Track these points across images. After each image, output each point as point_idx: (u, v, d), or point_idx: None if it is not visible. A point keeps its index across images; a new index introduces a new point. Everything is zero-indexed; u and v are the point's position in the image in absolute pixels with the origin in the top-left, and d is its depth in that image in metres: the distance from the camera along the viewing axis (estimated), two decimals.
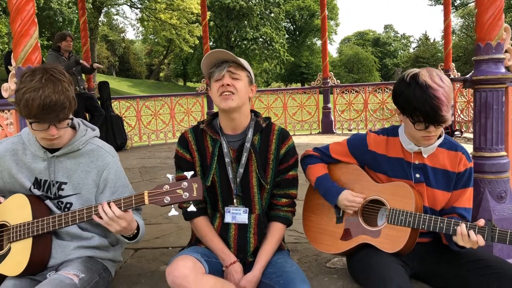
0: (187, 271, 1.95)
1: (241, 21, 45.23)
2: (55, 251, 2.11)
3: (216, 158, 2.20)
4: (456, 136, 8.20)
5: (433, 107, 1.97)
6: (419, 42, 68.87)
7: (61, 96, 1.90)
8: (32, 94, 1.87)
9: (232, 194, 2.22)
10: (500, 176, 2.67)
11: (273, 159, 2.25)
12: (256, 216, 2.23)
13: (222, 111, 2.21)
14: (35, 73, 1.93)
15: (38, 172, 2.14)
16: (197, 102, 9.82)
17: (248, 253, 2.22)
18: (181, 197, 1.83)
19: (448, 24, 8.63)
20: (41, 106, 1.87)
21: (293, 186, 2.31)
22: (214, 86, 2.17)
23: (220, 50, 2.14)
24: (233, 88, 2.13)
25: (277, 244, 2.26)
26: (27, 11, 2.57)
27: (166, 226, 3.63)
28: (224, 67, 2.14)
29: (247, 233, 2.22)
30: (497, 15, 2.55)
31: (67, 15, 30.01)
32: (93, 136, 2.22)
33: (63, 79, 1.95)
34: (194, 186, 1.83)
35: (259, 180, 2.22)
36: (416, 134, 2.11)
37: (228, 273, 2.16)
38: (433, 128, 2.05)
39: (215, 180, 2.22)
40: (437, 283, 2.25)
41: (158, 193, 1.85)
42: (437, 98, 1.97)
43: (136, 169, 6.30)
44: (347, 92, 9.74)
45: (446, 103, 1.98)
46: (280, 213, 2.29)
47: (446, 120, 2.01)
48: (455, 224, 2.04)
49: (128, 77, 51.05)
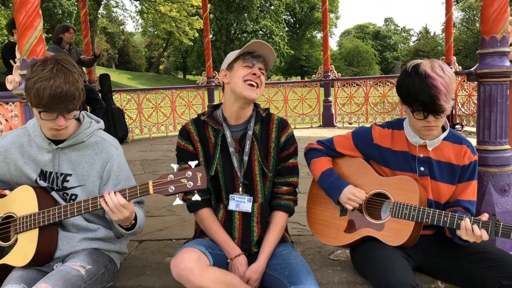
0: (192, 263, 1.97)
1: (241, 13, 45.07)
2: (62, 243, 2.13)
3: (219, 148, 2.23)
4: (457, 129, 8.21)
5: (430, 96, 1.98)
6: (419, 36, 68.72)
7: (72, 86, 1.92)
8: (44, 83, 1.88)
9: (236, 183, 2.25)
10: (503, 169, 2.67)
11: (274, 147, 2.28)
12: (259, 205, 2.26)
13: (238, 99, 2.22)
14: (46, 63, 1.94)
15: (44, 164, 2.15)
16: (198, 95, 9.81)
17: (252, 242, 2.24)
18: (185, 186, 1.84)
19: (449, 17, 8.61)
20: (52, 96, 1.88)
21: (294, 174, 2.34)
22: (242, 70, 2.19)
23: (268, 45, 2.20)
24: (259, 80, 2.20)
25: (280, 233, 2.28)
26: (31, 3, 2.57)
27: (169, 218, 3.64)
28: (260, 60, 2.21)
29: (251, 222, 2.24)
30: (502, 8, 2.54)
31: (67, 7, 29.91)
32: (98, 129, 2.23)
33: (73, 70, 1.97)
34: (199, 176, 1.84)
35: (261, 169, 2.25)
36: (417, 124, 2.13)
37: (233, 265, 2.18)
38: (432, 118, 2.05)
39: (218, 170, 2.25)
40: (441, 275, 2.27)
41: (163, 183, 1.87)
42: (435, 87, 1.98)
43: (138, 161, 6.31)
44: (348, 85, 9.73)
45: (445, 92, 1.99)
46: (281, 202, 2.31)
47: (444, 110, 2.02)
48: (459, 218, 2.04)
49: (127, 69, 50.90)
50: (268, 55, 2.24)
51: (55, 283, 1.84)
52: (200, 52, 43.13)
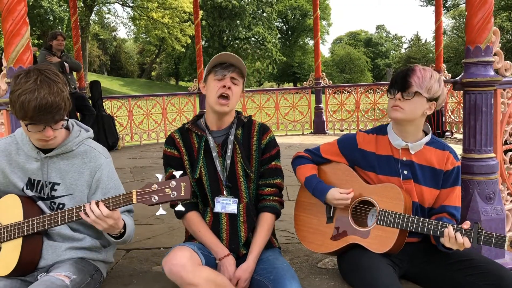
0: (185, 260, 2.00)
1: (234, 20, 45.19)
2: (46, 252, 2.11)
3: (203, 152, 2.30)
4: (446, 137, 8.27)
5: (404, 75, 2.19)
6: (411, 43, 69.29)
7: (57, 97, 1.91)
8: (28, 96, 1.86)
9: (220, 186, 2.30)
10: (488, 177, 2.70)
11: (256, 149, 2.35)
12: (245, 205, 2.30)
13: (214, 112, 2.31)
14: (29, 75, 1.92)
15: (31, 173, 2.13)
16: (189, 101, 9.80)
17: (240, 243, 2.27)
18: (169, 196, 1.84)
19: (439, 25, 8.69)
20: (37, 108, 1.87)
21: (277, 175, 2.38)
22: (214, 84, 2.26)
23: (234, 55, 2.25)
24: (231, 92, 2.24)
25: (267, 234, 2.31)
26: (18, 11, 2.55)
27: (157, 227, 3.62)
28: (230, 70, 2.24)
29: (237, 223, 2.28)
30: (486, 18, 2.58)
31: (58, 14, 29.84)
32: (87, 137, 2.22)
33: (57, 80, 1.95)
34: (183, 186, 1.84)
35: (244, 170, 2.31)
36: (388, 106, 2.26)
37: (222, 265, 2.20)
38: (399, 95, 2.18)
39: (202, 173, 2.30)
40: (427, 283, 2.28)
41: (147, 192, 1.86)
42: (412, 70, 2.19)
43: (128, 169, 6.28)
44: (339, 92, 9.78)
45: (419, 76, 2.16)
46: (267, 203, 2.35)
47: (410, 86, 2.16)
48: (442, 226, 2.07)
49: (119, 76, 50.74)
50: (238, 64, 2.28)
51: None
52: (193, 59, 43.09)
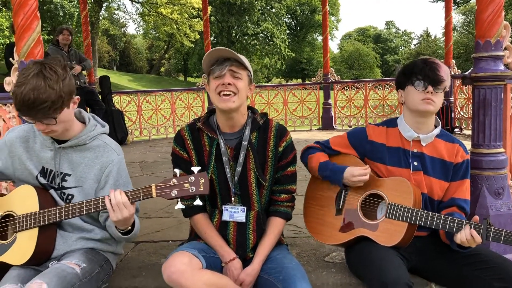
0: (184, 267, 1.97)
1: (242, 16, 45.09)
2: (58, 242, 2.14)
3: (214, 157, 2.20)
4: (456, 133, 8.21)
5: (431, 68, 2.20)
6: (420, 39, 68.76)
7: (42, 94, 1.89)
8: (16, 89, 1.92)
9: (230, 192, 2.22)
10: (497, 172, 2.69)
11: (272, 156, 2.24)
12: (255, 214, 2.24)
13: (220, 111, 2.19)
14: (30, 68, 1.95)
15: (45, 161, 2.17)
16: (197, 97, 9.83)
17: (247, 249, 2.23)
18: (188, 191, 1.86)
19: (449, 21, 8.62)
20: (21, 102, 1.91)
21: (292, 181, 2.32)
22: (213, 83, 2.12)
23: (222, 48, 2.09)
24: (234, 87, 2.09)
25: (275, 238, 2.27)
26: (29, 5, 2.58)
27: (166, 220, 3.65)
28: (226, 65, 2.08)
29: (246, 230, 2.23)
30: (496, 12, 2.56)
31: (68, 9, 29.96)
32: (101, 133, 2.24)
33: (51, 76, 1.92)
34: (201, 181, 1.85)
35: (257, 178, 2.21)
36: (416, 98, 2.23)
37: (228, 269, 2.17)
38: (431, 89, 2.19)
39: (213, 178, 2.21)
40: (434, 277, 2.29)
41: (166, 187, 1.88)
42: (435, 63, 2.22)
43: (137, 163, 6.33)
44: (348, 88, 9.75)
45: (444, 70, 2.21)
46: (280, 208, 2.30)
47: (443, 81, 2.20)
48: (451, 221, 2.07)
49: (128, 71, 50.89)
50: (231, 56, 2.10)
51: (50, 280, 1.85)
52: (201, 55, 43.08)
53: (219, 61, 2.11)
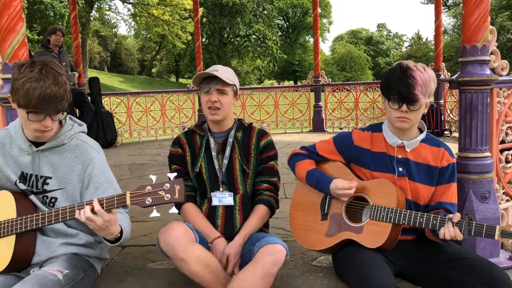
0: (180, 234, 2.14)
1: (234, 17, 45.09)
2: (40, 248, 2.11)
3: (204, 149, 2.48)
4: (445, 135, 8.26)
5: (406, 84, 2.10)
6: (412, 41, 69.16)
7: (61, 88, 1.95)
8: (34, 84, 1.90)
9: (218, 181, 2.46)
10: (484, 176, 2.70)
11: (254, 149, 2.51)
12: (241, 196, 2.46)
13: (209, 120, 2.51)
14: (34, 65, 1.95)
15: (24, 166, 2.14)
16: (188, 99, 9.80)
17: (235, 228, 2.40)
18: (162, 199, 1.84)
19: (439, 24, 8.67)
20: (42, 96, 1.90)
21: (273, 174, 2.52)
22: (204, 98, 2.44)
23: (208, 72, 2.37)
24: (219, 103, 2.40)
25: (258, 222, 2.42)
26: (14, 6, 2.55)
27: (153, 224, 3.62)
28: (213, 84, 2.38)
29: (233, 211, 2.43)
30: (482, 17, 2.58)
31: (58, 10, 29.77)
32: (79, 131, 2.22)
33: (61, 72, 1.99)
34: (176, 188, 1.83)
35: (241, 166, 2.47)
36: (391, 115, 2.20)
37: (213, 247, 2.30)
38: (406, 108, 2.14)
39: (202, 167, 2.47)
40: (421, 281, 2.29)
41: (140, 194, 1.86)
42: (412, 77, 2.10)
43: (126, 165, 6.27)
44: (338, 90, 9.79)
45: (421, 84, 2.10)
46: (263, 197, 2.47)
47: (417, 100, 2.11)
48: (434, 219, 2.10)
49: (120, 72, 50.68)
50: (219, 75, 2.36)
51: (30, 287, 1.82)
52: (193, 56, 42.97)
53: (208, 78, 2.41)
